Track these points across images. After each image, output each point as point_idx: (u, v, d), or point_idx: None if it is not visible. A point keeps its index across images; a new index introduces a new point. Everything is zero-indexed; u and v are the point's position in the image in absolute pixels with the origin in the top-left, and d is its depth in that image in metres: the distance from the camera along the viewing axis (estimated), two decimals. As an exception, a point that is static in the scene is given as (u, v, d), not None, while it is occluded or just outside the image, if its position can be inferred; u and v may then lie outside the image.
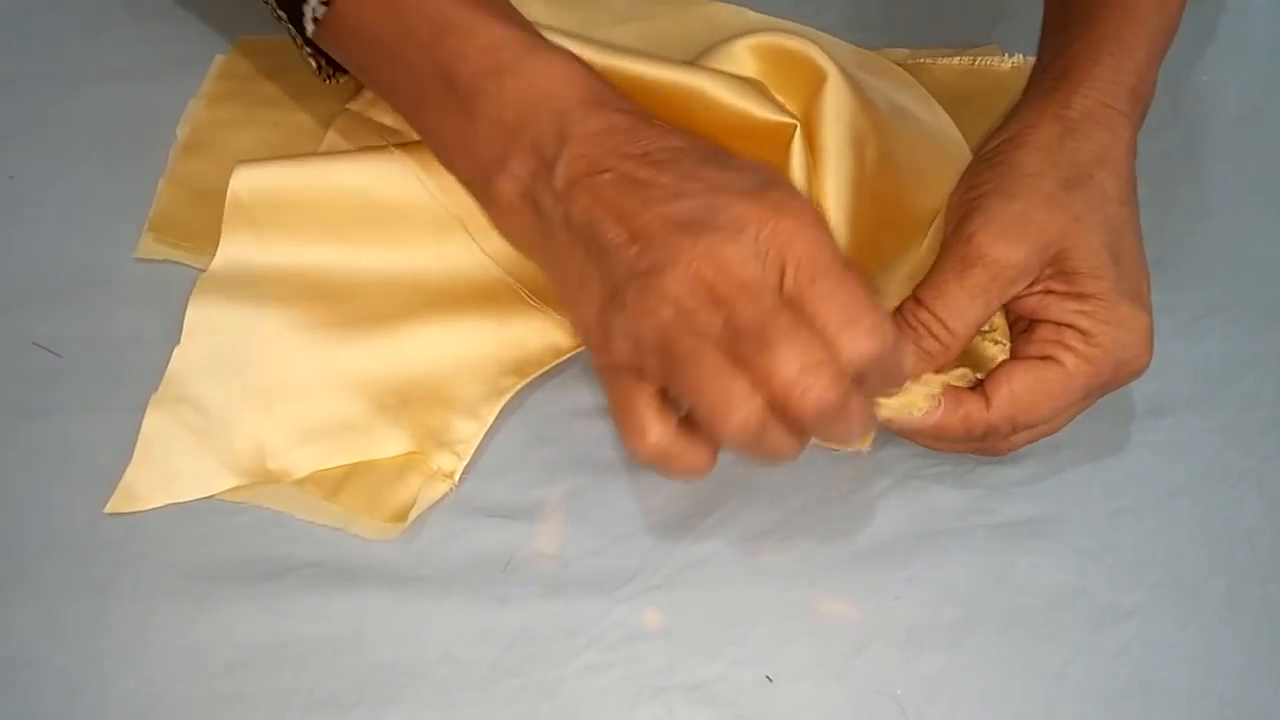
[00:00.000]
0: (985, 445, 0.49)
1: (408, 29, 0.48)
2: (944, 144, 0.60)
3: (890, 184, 0.56)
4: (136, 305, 0.55)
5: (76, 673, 0.46)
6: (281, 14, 0.52)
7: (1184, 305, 0.56)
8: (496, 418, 0.52)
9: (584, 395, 0.54)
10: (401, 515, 0.50)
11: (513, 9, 0.49)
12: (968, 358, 0.50)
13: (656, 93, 0.54)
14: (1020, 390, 0.48)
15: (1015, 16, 0.65)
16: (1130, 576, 0.49)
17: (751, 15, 0.65)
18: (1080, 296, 0.47)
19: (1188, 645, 0.48)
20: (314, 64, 0.55)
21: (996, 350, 0.51)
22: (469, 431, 0.52)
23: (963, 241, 0.48)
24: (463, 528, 0.50)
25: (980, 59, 0.64)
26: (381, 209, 0.55)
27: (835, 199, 0.53)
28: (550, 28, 0.56)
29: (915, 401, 0.48)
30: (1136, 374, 0.48)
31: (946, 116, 0.61)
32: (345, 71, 0.55)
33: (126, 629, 0.47)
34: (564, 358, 0.54)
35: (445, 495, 0.51)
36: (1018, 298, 0.48)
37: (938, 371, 0.49)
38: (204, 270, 0.55)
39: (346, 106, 0.59)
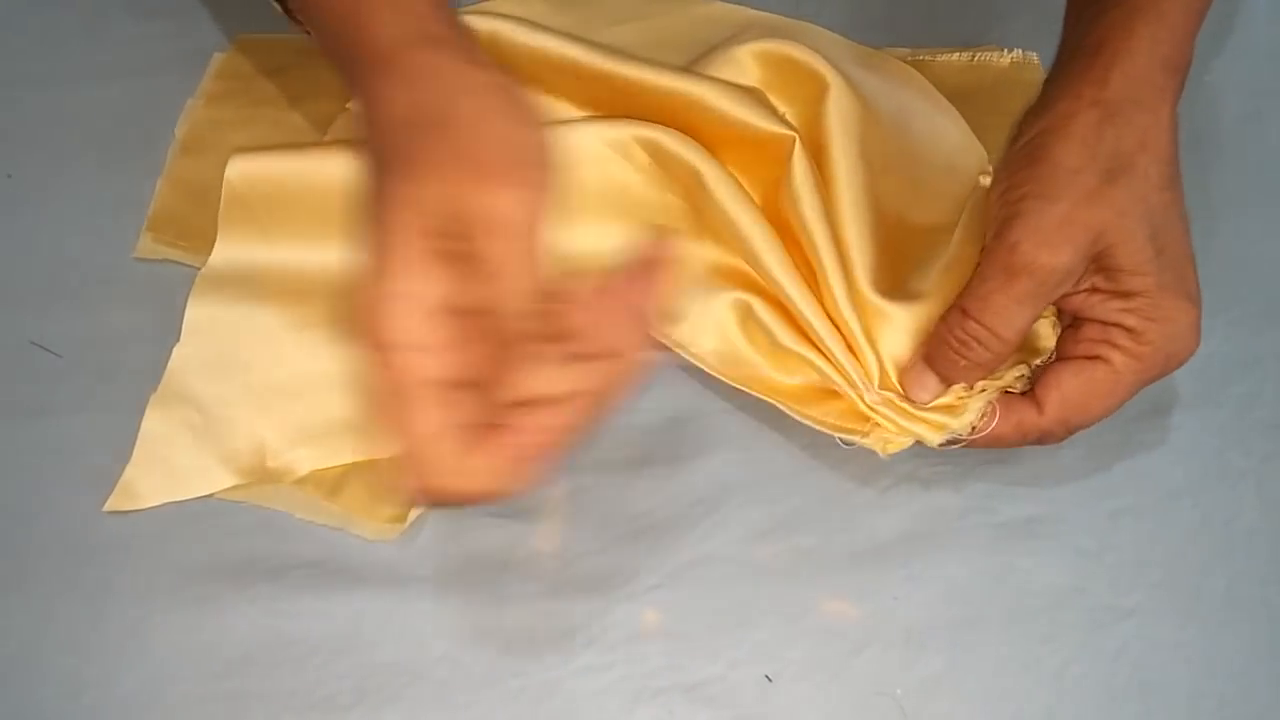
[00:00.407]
0: (1041, 441, 0.49)
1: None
2: (951, 141, 0.59)
3: (901, 187, 0.56)
4: (135, 304, 0.55)
5: (76, 672, 0.47)
6: None
7: (1184, 305, 0.56)
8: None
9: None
10: (401, 515, 0.50)
11: None
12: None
13: (657, 99, 0.54)
14: (1071, 393, 0.48)
15: (1015, 15, 0.65)
16: (1130, 576, 0.49)
17: (752, 13, 0.65)
18: (1125, 295, 0.47)
19: (1187, 645, 0.48)
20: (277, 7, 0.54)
21: (1046, 325, 0.51)
22: (468, 430, 0.52)
23: (1006, 249, 0.46)
24: (462, 527, 0.50)
25: (979, 54, 0.64)
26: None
27: (852, 210, 0.53)
28: (551, 30, 0.56)
29: (969, 419, 0.48)
30: (1184, 362, 0.48)
31: (953, 109, 0.60)
32: None
33: (125, 628, 0.47)
34: (563, 357, 0.54)
35: (445, 495, 0.51)
36: (1063, 296, 0.48)
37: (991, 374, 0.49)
38: (202, 270, 0.55)
39: (346, 106, 0.59)
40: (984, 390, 0.49)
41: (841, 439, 0.50)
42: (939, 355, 0.49)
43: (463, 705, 0.46)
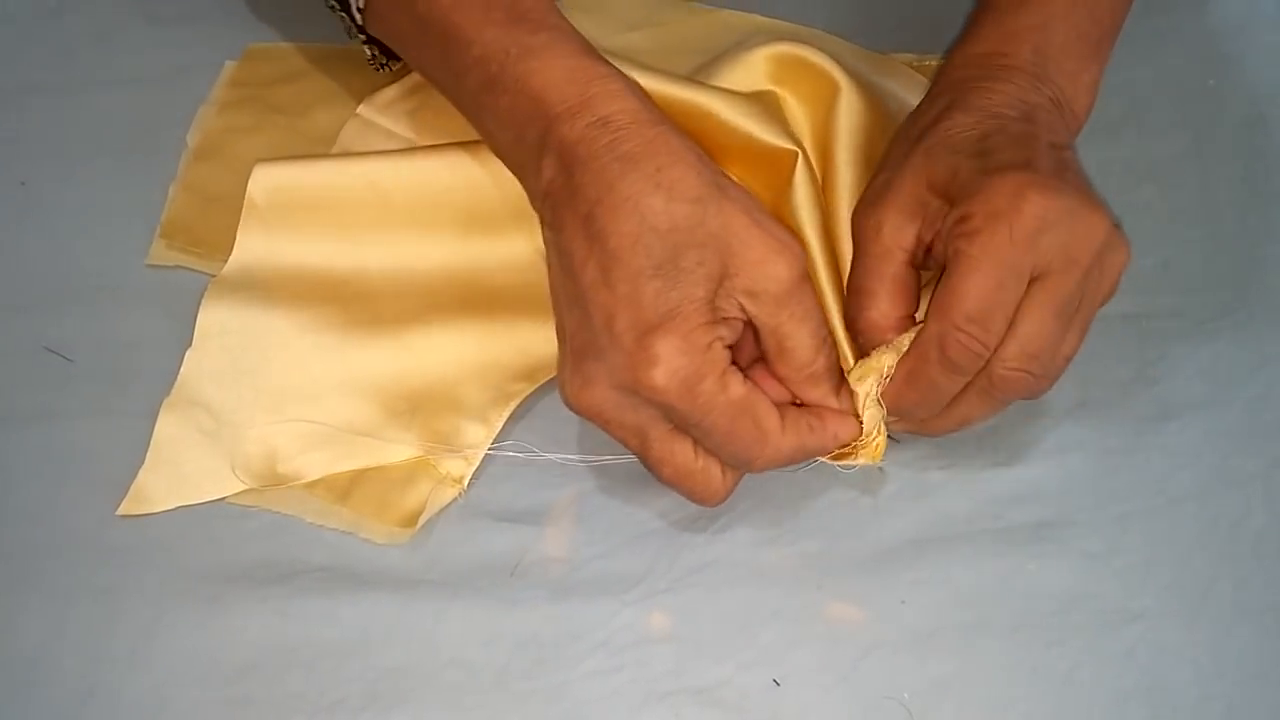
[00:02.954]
0: (994, 381, 0.47)
1: (423, 32, 0.50)
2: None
3: None
4: (148, 310, 0.55)
5: (87, 675, 0.47)
6: (334, 3, 0.54)
7: (1191, 308, 0.56)
8: (505, 423, 0.52)
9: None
10: (411, 520, 0.50)
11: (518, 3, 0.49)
12: None
13: (665, 108, 0.54)
14: (939, 293, 0.46)
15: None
16: (1138, 580, 0.49)
17: (761, 20, 0.65)
18: (954, 203, 0.47)
19: (1195, 649, 0.48)
20: (368, 52, 0.57)
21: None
22: (478, 436, 0.52)
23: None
24: (471, 532, 0.50)
25: (985, 62, 0.64)
26: (393, 213, 0.55)
27: (848, 222, 0.53)
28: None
29: (871, 382, 0.48)
30: (1043, 224, 0.45)
31: None
32: (397, 58, 0.57)
33: (137, 632, 0.48)
34: (572, 362, 0.54)
35: (454, 500, 0.51)
36: (932, 253, 0.48)
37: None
38: (215, 276, 0.55)
39: (357, 113, 0.60)
40: (863, 379, 0.48)
41: (840, 466, 0.50)
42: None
43: (471, 709, 0.46)
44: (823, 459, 0.49)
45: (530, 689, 0.47)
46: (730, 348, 0.46)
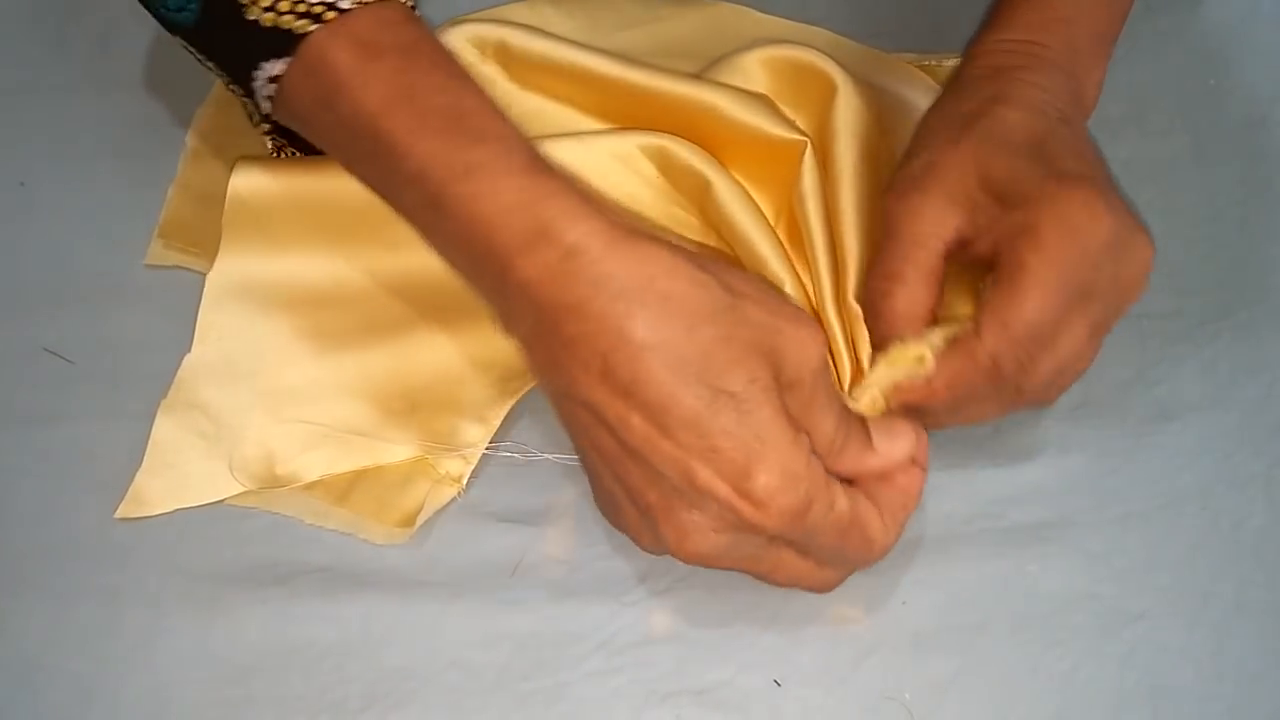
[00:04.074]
0: (1021, 390, 0.46)
1: (352, 137, 0.45)
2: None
3: None
4: (146, 311, 0.55)
5: (87, 677, 0.47)
6: (234, 86, 0.50)
7: (1192, 309, 0.56)
8: (504, 423, 0.52)
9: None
10: (410, 520, 0.50)
11: (453, 102, 0.44)
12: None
13: (668, 106, 0.54)
14: (1000, 304, 0.45)
15: (1022, 21, 0.65)
16: (1139, 580, 0.49)
17: (759, 16, 0.65)
18: (1013, 206, 0.46)
19: (1196, 649, 0.48)
20: (269, 145, 0.54)
21: (962, 296, 0.50)
22: (476, 435, 0.52)
23: (882, 220, 0.49)
24: (471, 532, 0.50)
25: (986, 61, 0.64)
26: (389, 211, 0.55)
27: (851, 216, 0.53)
28: (561, 38, 0.56)
29: (900, 370, 0.46)
30: (1110, 245, 0.45)
31: None
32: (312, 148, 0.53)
33: (137, 633, 0.48)
34: (572, 362, 0.54)
35: (453, 499, 0.51)
36: (970, 248, 0.47)
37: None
38: (209, 275, 0.55)
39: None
40: (914, 346, 0.47)
41: None
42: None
43: (472, 710, 0.46)
44: None
45: (531, 690, 0.47)
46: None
